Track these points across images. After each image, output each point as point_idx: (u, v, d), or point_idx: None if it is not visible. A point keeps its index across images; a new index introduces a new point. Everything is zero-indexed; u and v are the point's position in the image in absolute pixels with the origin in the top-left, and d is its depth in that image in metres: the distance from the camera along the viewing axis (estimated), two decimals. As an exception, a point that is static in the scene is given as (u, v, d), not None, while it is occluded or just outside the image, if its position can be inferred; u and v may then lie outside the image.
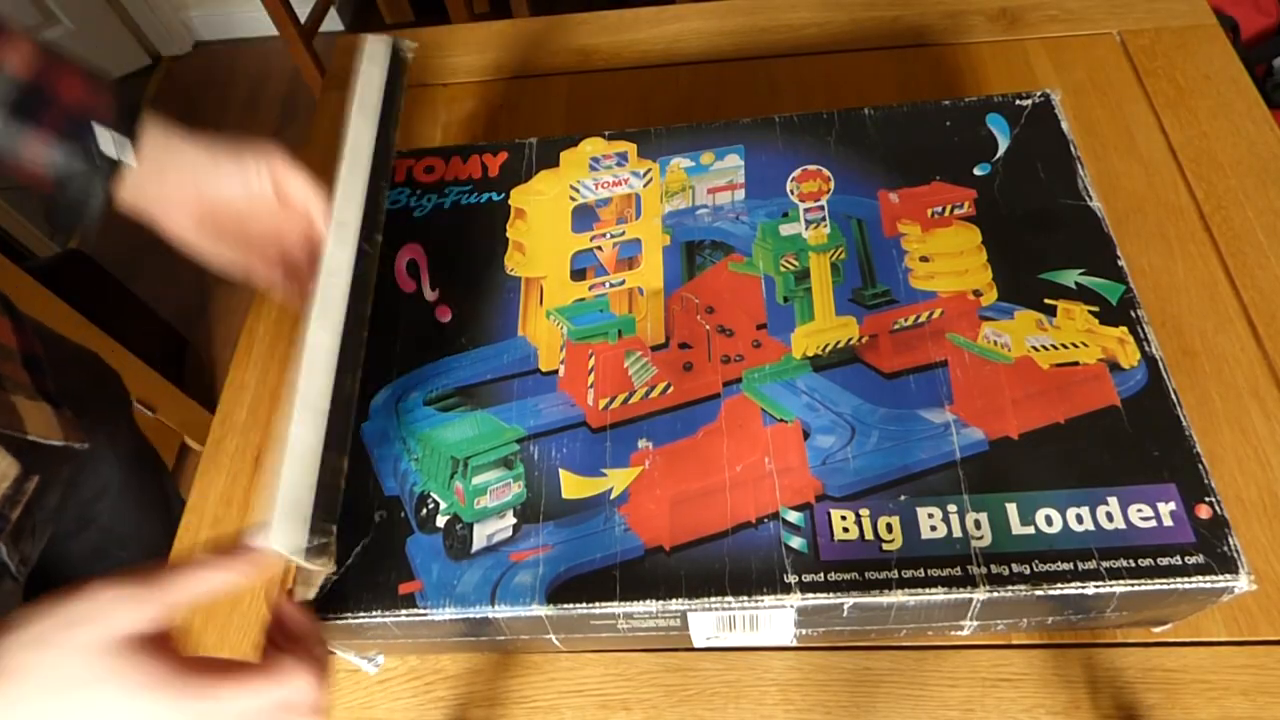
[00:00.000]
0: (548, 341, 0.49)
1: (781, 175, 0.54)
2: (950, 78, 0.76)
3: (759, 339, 0.47)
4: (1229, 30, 1.20)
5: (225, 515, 0.65)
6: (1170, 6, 0.78)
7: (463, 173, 0.57)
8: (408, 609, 0.42)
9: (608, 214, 0.54)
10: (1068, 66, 0.76)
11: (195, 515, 0.65)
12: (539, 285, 0.52)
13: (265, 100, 2.16)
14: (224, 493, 0.66)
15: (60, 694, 0.32)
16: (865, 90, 0.76)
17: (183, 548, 0.64)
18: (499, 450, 0.46)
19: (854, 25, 0.82)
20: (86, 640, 0.33)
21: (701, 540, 0.42)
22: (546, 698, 0.53)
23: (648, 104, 0.79)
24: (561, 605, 0.41)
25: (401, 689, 0.55)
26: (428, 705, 0.54)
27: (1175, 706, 0.47)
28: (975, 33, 0.80)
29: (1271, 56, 1.25)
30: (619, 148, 0.56)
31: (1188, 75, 0.74)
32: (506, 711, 0.53)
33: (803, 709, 0.50)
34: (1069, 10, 0.80)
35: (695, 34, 0.84)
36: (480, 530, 0.44)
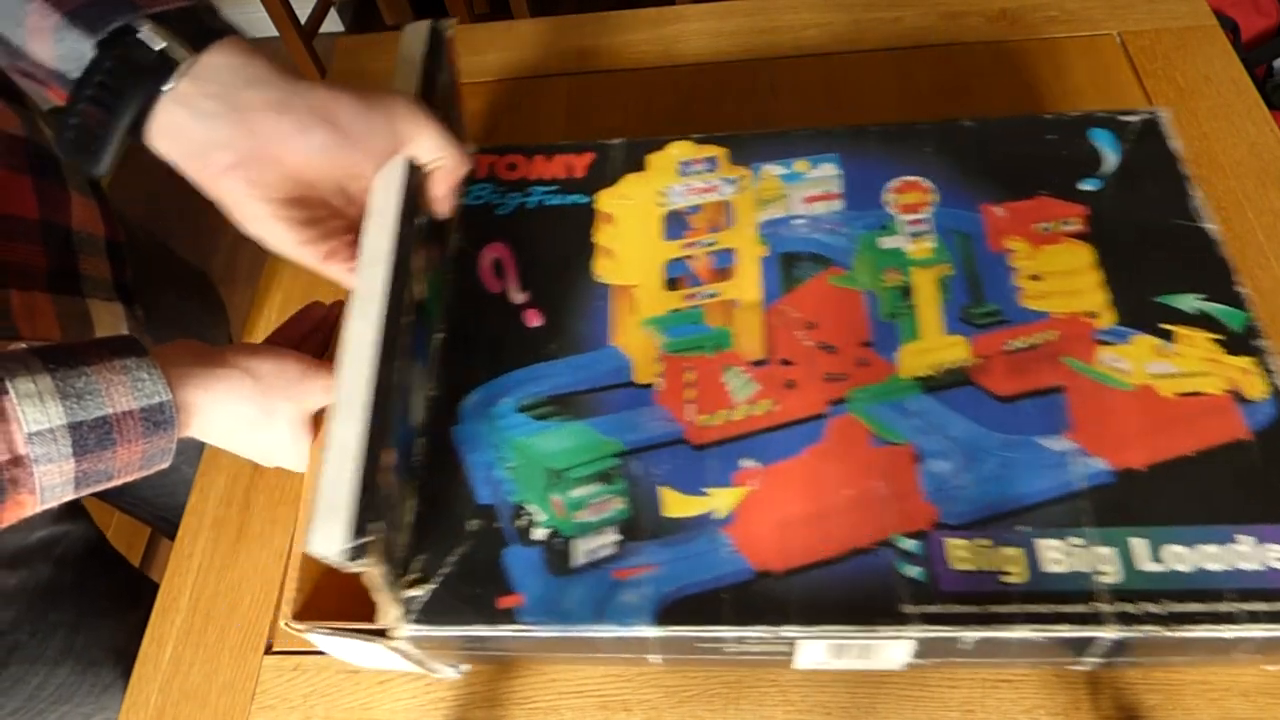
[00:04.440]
0: (642, 353, 0.48)
1: (878, 186, 0.52)
2: (951, 79, 0.76)
3: (864, 357, 0.46)
4: (1229, 31, 1.19)
5: (225, 515, 0.64)
6: (1170, 7, 0.78)
7: (546, 172, 0.56)
8: (508, 624, 0.41)
9: (699, 221, 0.52)
10: (1067, 67, 0.76)
11: (195, 516, 0.65)
12: (630, 294, 0.50)
13: None
14: (224, 493, 0.66)
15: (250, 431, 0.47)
16: (866, 91, 0.76)
17: (182, 550, 0.63)
18: (597, 463, 0.45)
19: (854, 26, 0.82)
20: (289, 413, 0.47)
21: (813, 565, 0.41)
22: (547, 698, 0.53)
23: (648, 105, 0.78)
24: (671, 627, 0.40)
25: (401, 690, 0.55)
26: (428, 706, 0.54)
27: (1176, 708, 0.46)
28: (975, 33, 0.79)
29: (1272, 58, 1.26)
30: (708, 152, 0.55)
31: (1188, 76, 0.73)
32: (507, 712, 0.52)
33: (802, 710, 0.49)
34: (1069, 11, 0.79)
35: (695, 35, 0.84)
36: (580, 545, 0.43)
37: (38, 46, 0.39)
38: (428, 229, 0.48)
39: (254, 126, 0.40)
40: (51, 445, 0.38)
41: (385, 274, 0.43)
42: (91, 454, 0.40)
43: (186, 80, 0.39)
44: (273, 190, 0.41)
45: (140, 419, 0.41)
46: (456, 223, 0.53)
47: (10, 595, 0.61)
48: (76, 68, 0.39)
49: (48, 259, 0.57)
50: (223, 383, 0.45)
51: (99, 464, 0.41)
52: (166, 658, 0.59)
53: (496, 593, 0.42)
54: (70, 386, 0.39)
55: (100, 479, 0.41)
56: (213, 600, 0.61)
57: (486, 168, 0.56)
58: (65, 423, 0.39)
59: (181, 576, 0.62)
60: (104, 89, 0.39)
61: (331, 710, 0.55)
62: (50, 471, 0.39)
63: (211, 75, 0.39)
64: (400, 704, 0.54)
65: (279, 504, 0.64)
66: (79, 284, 0.59)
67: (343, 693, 0.55)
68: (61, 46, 0.39)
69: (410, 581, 0.42)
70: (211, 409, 0.45)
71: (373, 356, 0.41)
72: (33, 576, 0.63)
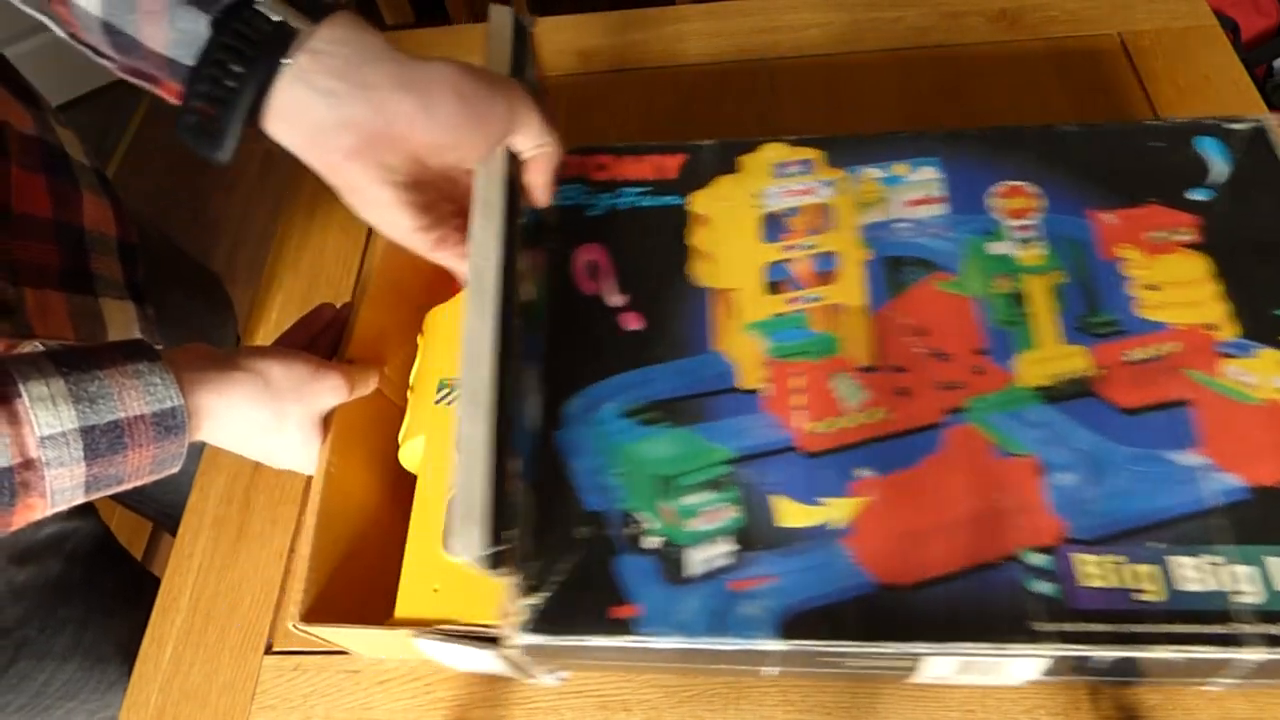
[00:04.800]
0: (746, 358, 0.47)
1: (981, 190, 0.51)
2: (951, 79, 0.76)
3: (979, 365, 0.45)
4: (1229, 31, 1.19)
5: (225, 515, 0.64)
6: (1170, 7, 0.78)
7: (636, 172, 0.55)
8: (624, 635, 0.40)
9: (798, 224, 0.51)
10: (1068, 67, 0.75)
11: (195, 515, 0.64)
12: (730, 297, 0.49)
13: None
14: (224, 492, 0.65)
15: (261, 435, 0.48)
16: (866, 91, 0.76)
17: (182, 549, 0.63)
18: (706, 471, 0.44)
19: (855, 26, 0.82)
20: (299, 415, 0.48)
21: (938, 579, 0.40)
22: (547, 698, 0.52)
23: (649, 105, 0.78)
24: (795, 641, 0.39)
25: (401, 689, 0.54)
26: (427, 706, 0.53)
27: (1176, 708, 0.46)
28: (976, 34, 0.79)
29: (1272, 57, 1.27)
30: (803, 154, 0.54)
31: (1188, 76, 0.73)
32: (506, 712, 0.52)
33: (802, 709, 0.49)
34: (1069, 11, 0.79)
35: (695, 35, 0.83)
36: (694, 555, 0.42)
37: (151, 32, 0.38)
38: (532, 229, 0.47)
39: (379, 104, 0.38)
40: (63, 449, 0.38)
41: (497, 271, 0.42)
42: (103, 458, 0.40)
43: (306, 55, 0.37)
44: (396, 173, 0.40)
45: (152, 423, 0.41)
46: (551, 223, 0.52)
47: (20, 591, 0.61)
48: (190, 53, 0.38)
49: (61, 257, 0.57)
50: (234, 386, 0.45)
51: (110, 468, 0.40)
52: (166, 658, 0.59)
53: (611, 602, 0.41)
54: (83, 390, 0.39)
55: (110, 483, 0.41)
56: (213, 600, 0.61)
57: (575, 168, 0.55)
58: (77, 426, 0.39)
59: (181, 576, 0.62)
60: (222, 68, 0.37)
61: (331, 710, 0.55)
62: (61, 475, 0.39)
63: (331, 49, 0.38)
64: (400, 704, 0.54)
65: (279, 503, 0.64)
66: (91, 283, 0.59)
67: (343, 693, 0.55)
68: (175, 29, 0.37)
69: (524, 589, 0.41)
70: (223, 413, 0.45)
71: (492, 356, 0.40)
72: (42, 572, 0.62)
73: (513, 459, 0.39)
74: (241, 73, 0.37)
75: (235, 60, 0.37)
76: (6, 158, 0.54)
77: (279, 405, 0.47)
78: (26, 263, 0.54)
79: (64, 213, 0.58)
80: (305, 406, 0.48)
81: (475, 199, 0.43)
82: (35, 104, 0.60)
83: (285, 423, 0.47)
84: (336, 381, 0.49)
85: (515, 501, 0.39)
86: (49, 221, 0.57)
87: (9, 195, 0.54)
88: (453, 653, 0.44)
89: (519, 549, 0.40)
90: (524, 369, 0.45)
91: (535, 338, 0.47)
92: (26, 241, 0.55)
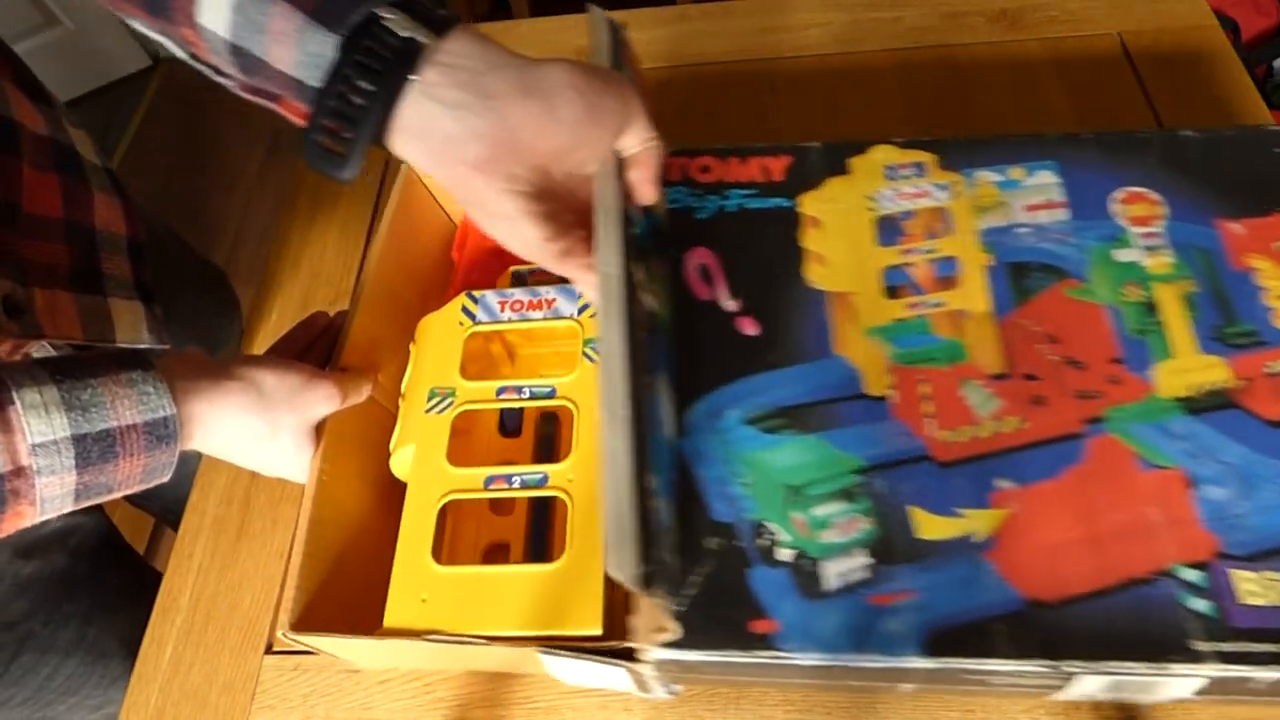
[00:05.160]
0: (870, 363, 0.46)
1: (1102, 196, 0.50)
2: (951, 79, 0.76)
3: (1115, 374, 0.44)
4: (1229, 31, 1.19)
5: (225, 515, 0.64)
6: (1170, 7, 0.78)
7: (743, 175, 0.54)
8: (764, 650, 0.39)
9: (914, 227, 0.50)
10: (1068, 67, 0.75)
11: (196, 515, 0.64)
12: (849, 301, 0.48)
13: None
14: (224, 492, 0.65)
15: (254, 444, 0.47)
16: (866, 91, 0.76)
17: (183, 549, 0.63)
18: (837, 480, 0.42)
19: (855, 26, 0.81)
20: (292, 424, 0.48)
21: (1088, 595, 0.38)
22: (547, 698, 0.52)
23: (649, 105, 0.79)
24: (942, 659, 0.38)
25: (401, 690, 0.54)
26: (428, 706, 0.53)
27: (1176, 708, 0.46)
28: (976, 33, 0.79)
29: (1272, 57, 1.26)
30: (915, 157, 0.53)
31: (1188, 76, 0.73)
32: (507, 712, 0.52)
33: (803, 709, 0.49)
34: (1069, 11, 0.79)
35: (696, 34, 0.83)
36: (830, 568, 0.40)
37: (279, 53, 0.37)
38: (649, 235, 0.46)
39: (504, 114, 0.37)
40: (55, 457, 0.39)
41: (622, 280, 0.41)
42: (93, 466, 0.40)
43: (432, 69, 0.37)
44: (522, 183, 0.39)
45: (144, 432, 0.41)
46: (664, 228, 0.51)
47: (24, 585, 0.61)
48: (316, 75, 0.37)
49: (71, 257, 0.56)
50: (227, 395, 0.45)
51: (100, 476, 0.41)
52: (166, 658, 0.59)
53: (748, 616, 0.39)
54: (75, 398, 0.39)
55: (100, 491, 0.41)
56: (213, 600, 0.60)
57: (679, 170, 0.54)
58: (69, 434, 0.39)
59: (181, 576, 0.62)
60: (350, 85, 0.36)
61: (331, 710, 0.54)
62: (51, 483, 0.39)
63: (457, 62, 0.37)
64: (400, 704, 0.53)
65: (279, 503, 0.63)
66: (101, 283, 0.58)
67: (343, 693, 0.55)
68: (302, 50, 0.36)
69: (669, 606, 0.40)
70: (215, 422, 0.45)
71: (626, 369, 0.39)
72: (47, 566, 0.62)
73: (652, 475, 0.38)
74: (371, 90, 0.36)
75: (364, 77, 0.36)
76: (18, 157, 0.54)
77: (272, 414, 0.47)
78: (36, 263, 0.54)
79: (75, 212, 0.58)
80: (298, 415, 0.48)
81: (597, 206, 0.42)
82: (47, 103, 0.59)
83: (278, 432, 0.48)
84: (329, 390, 0.49)
85: (659, 519, 0.38)
86: (60, 221, 0.56)
87: (20, 195, 0.54)
88: (576, 668, 0.43)
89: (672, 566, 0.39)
90: (655, 379, 0.44)
91: (662, 345, 0.46)
92: (37, 241, 0.54)
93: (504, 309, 0.55)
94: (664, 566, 0.40)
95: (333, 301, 0.73)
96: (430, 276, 0.67)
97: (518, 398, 0.52)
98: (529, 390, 0.52)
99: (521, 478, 0.49)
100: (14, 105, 0.54)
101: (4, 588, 0.59)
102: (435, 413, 0.52)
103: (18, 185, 0.53)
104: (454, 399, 0.52)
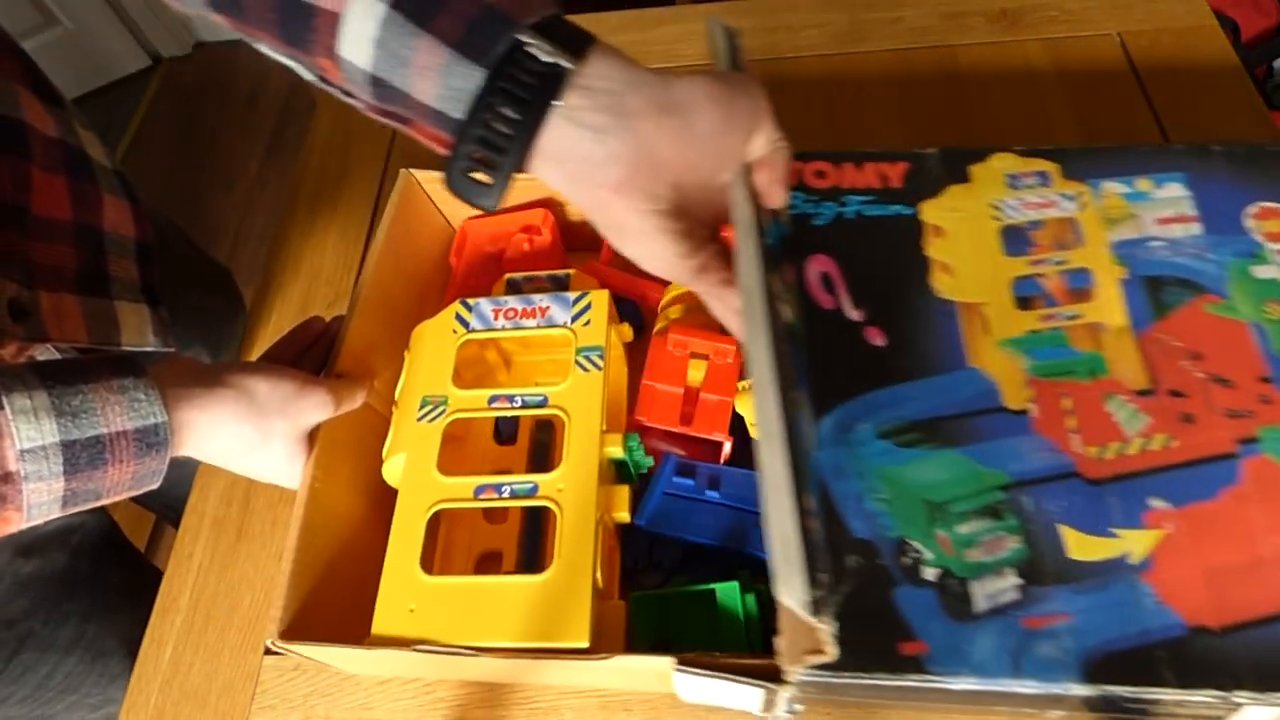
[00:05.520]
0: (1007, 376, 0.44)
1: (1234, 210, 0.49)
2: (951, 79, 0.76)
3: (1266, 394, 0.42)
4: (1229, 31, 1.18)
5: (225, 515, 0.64)
6: (1170, 7, 0.78)
7: (859, 180, 0.52)
8: (914, 673, 0.37)
9: (1043, 238, 0.49)
10: (1068, 67, 0.75)
11: (195, 516, 0.64)
12: (979, 312, 0.47)
13: (265, 100, 2.14)
14: (224, 493, 0.65)
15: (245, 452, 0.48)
16: (866, 91, 0.76)
17: (182, 550, 0.63)
18: (981, 497, 0.41)
19: (854, 26, 0.81)
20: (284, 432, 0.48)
21: (1255, 622, 0.37)
22: (547, 698, 0.52)
23: None
24: (1102, 686, 0.36)
25: (401, 690, 0.54)
26: (428, 706, 0.53)
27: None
28: (976, 34, 0.79)
29: (1271, 57, 1.25)
30: (1037, 166, 0.52)
31: (1188, 76, 0.73)
32: (507, 712, 0.52)
33: (806, 712, 0.48)
34: (1069, 11, 0.79)
35: (696, 35, 0.83)
36: (979, 588, 0.39)
37: (422, 86, 0.36)
38: (779, 243, 0.45)
39: (644, 134, 0.37)
40: (43, 463, 0.39)
41: (763, 293, 0.39)
42: (82, 473, 0.40)
43: (574, 93, 0.36)
44: (660, 201, 0.38)
45: (134, 439, 0.41)
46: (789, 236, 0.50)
47: (25, 583, 0.60)
48: (459, 107, 0.36)
49: (78, 260, 0.56)
50: (219, 403, 0.45)
51: (88, 483, 0.40)
52: (166, 658, 0.58)
53: (899, 638, 0.38)
54: (66, 404, 0.39)
55: (88, 498, 0.41)
56: (213, 600, 0.60)
57: (794, 175, 0.53)
58: (58, 440, 0.39)
59: (181, 576, 0.62)
60: (496, 115, 0.36)
61: (331, 710, 0.54)
62: (39, 489, 0.39)
63: (597, 85, 0.36)
64: (400, 704, 0.53)
65: (279, 504, 0.63)
66: (107, 286, 0.58)
67: (343, 692, 0.54)
68: (446, 84, 0.36)
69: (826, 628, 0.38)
70: (207, 430, 0.45)
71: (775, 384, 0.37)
72: (48, 565, 0.62)
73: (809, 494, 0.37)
74: (516, 119, 0.35)
75: (509, 106, 0.35)
76: (28, 159, 0.53)
77: (264, 422, 0.47)
78: (43, 265, 0.54)
79: (83, 215, 0.57)
80: (291, 423, 0.48)
81: (735, 219, 0.41)
82: (59, 105, 0.59)
83: (270, 439, 0.48)
84: (323, 398, 0.49)
85: (817, 539, 0.37)
86: (68, 223, 0.56)
87: (29, 198, 0.53)
88: (707, 687, 0.41)
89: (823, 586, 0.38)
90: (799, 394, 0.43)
91: (799, 357, 0.45)
92: (44, 244, 0.54)
93: (498, 317, 0.56)
94: (821, 587, 0.38)
95: (332, 302, 0.73)
96: (429, 281, 0.67)
97: (509, 406, 0.52)
98: (521, 399, 0.52)
99: (511, 487, 0.49)
100: (25, 108, 0.54)
101: (4, 586, 0.59)
102: (427, 421, 0.52)
103: (27, 188, 0.53)
104: (446, 407, 0.53)
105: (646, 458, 0.53)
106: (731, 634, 0.49)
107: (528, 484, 0.49)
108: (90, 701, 0.67)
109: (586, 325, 0.54)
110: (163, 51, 2.26)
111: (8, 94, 0.53)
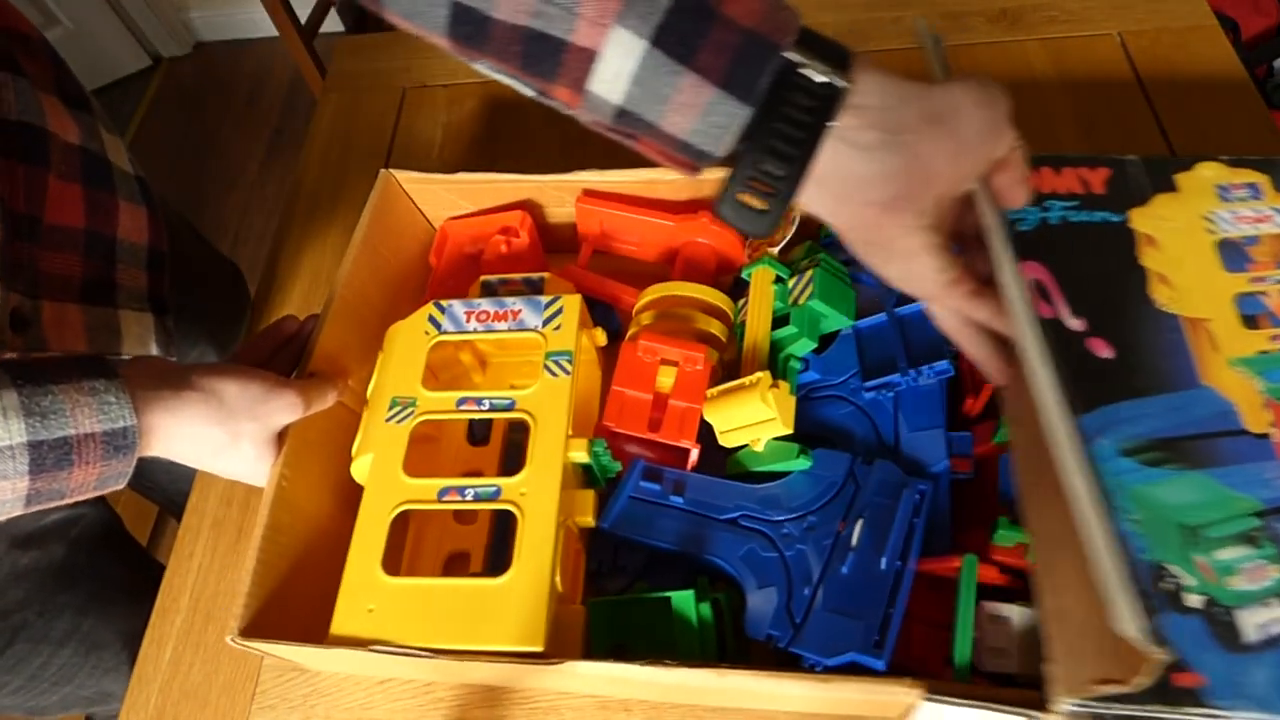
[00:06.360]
0: (1244, 397, 0.43)
1: None
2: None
3: None
4: (1229, 31, 1.20)
5: (225, 515, 0.64)
6: (1170, 7, 0.78)
7: (1060, 185, 0.50)
8: (1193, 706, 0.36)
9: (1261, 254, 0.47)
10: (1068, 67, 0.75)
11: (196, 515, 0.64)
12: (1205, 328, 0.45)
13: (265, 100, 2.12)
14: (224, 492, 0.65)
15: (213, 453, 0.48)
16: None
17: (182, 550, 0.63)
18: (1236, 523, 0.40)
19: (854, 26, 0.82)
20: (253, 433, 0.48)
21: None
22: (547, 698, 0.52)
23: None
24: (1400, 728, 0.35)
25: (402, 690, 0.54)
26: (428, 706, 0.53)
27: None
28: (976, 33, 0.79)
29: (1271, 57, 1.27)
30: (1246, 177, 0.50)
31: (1188, 76, 0.73)
32: (507, 712, 0.52)
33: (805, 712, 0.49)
34: (1069, 11, 0.79)
35: None
36: (1247, 618, 0.37)
37: (676, 120, 0.34)
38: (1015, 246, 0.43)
39: (916, 148, 0.35)
40: (9, 462, 0.39)
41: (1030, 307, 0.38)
42: (47, 473, 0.40)
43: (847, 112, 0.34)
44: (926, 216, 0.37)
45: (102, 442, 0.41)
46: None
47: (21, 574, 0.60)
48: (715, 143, 0.34)
49: (85, 268, 0.55)
50: (187, 406, 0.45)
51: (53, 483, 0.40)
52: (166, 658, 0.58)
53: (1171, 668, 0.36)
54: (35, 404, 0.39)
55: (52, 497, 0.41)
56: (213, 600, 0.60)
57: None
58: (25, 440, 0.39)
59: (181, 577, 0.62)
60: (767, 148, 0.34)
61: (331, 710, 0.54)
62: (2, 488, 0.39)
63: (868, 102, 0.35)
64: (400, 704, 0.53)
65: None
66: (113, 294, 0.58)
67: (343, 692, 0.54)
68: (705, 120, 0.34)
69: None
70: (175, 432, 0.45)
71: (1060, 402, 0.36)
72: (45, 557, 0.62)
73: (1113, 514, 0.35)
74: (792, 149, 0.34)
75: (780, 137, 0.34)
76: (46, 167, 0.52)
77: (233, 424, 0.47)
78: (51, 275, 0.53)
79: (96, 222, 0.56)
80: (259, 425, 0.48)
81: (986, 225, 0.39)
82: (85, 108, 0.58)
83: (239, 441, 0.48)
84: (292, 399, 0.49)
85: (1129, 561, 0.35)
86: (80, 231, 0.55)
87: (43, 206, 0.52)
88: (963, 716, 0.40)
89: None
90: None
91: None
92: (54, 253, 0.53)
93: (470, 319, 0.56)
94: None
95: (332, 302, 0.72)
96: (408, 281, 0.67)
97: (478, 409, 0.52)
98: (489, 402, 0.52)
99: (475, 490, 0.49)
100: (50, 116, 0.53)
101: (0, 576, 0.59)
102: (395, 422, 0.52)
103: (42, 197, 0.52)
104: (414, 409, 0.53)
105: (614, 462, 0.53)
106: (686, 642, 0.48)
107: (491, 487, 0.49)
108: (84, 694, 0.67)
109: (557, 330, 0.54)
110: (163, 51, 2.22)
111: (33, 103, 0.52)
